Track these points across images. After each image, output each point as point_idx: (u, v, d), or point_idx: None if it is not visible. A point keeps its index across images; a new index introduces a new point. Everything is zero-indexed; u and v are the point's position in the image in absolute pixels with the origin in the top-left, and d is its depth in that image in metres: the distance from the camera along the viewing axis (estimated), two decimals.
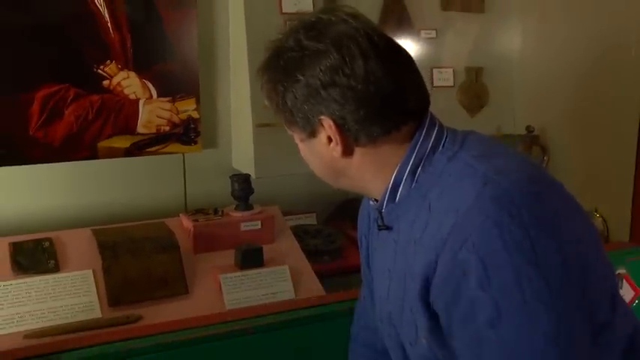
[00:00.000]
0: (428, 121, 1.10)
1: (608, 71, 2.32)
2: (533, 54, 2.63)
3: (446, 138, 1.09)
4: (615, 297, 1.08)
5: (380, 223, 1.15)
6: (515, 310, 0.93)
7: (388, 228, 1.14)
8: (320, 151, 1.11)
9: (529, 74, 2.65)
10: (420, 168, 1.07)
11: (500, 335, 0.93)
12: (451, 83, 2.60)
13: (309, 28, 1.07)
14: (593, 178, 2.32)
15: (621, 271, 2.04)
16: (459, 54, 2.62)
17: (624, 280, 2.05)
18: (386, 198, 1.11)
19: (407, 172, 1.08)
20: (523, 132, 2.56)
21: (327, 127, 1.06)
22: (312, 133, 1.10)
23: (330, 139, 1.08)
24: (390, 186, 1.09)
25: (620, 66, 2.27)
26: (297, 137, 1.15)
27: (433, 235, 1.00)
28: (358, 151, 1.09)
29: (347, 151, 1.08)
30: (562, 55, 2.48)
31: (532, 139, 2.54)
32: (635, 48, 2.21)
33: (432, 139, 1.08)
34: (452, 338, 1.01)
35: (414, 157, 1.07)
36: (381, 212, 1.14)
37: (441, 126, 1.11)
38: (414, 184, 1.08)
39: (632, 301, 2.05)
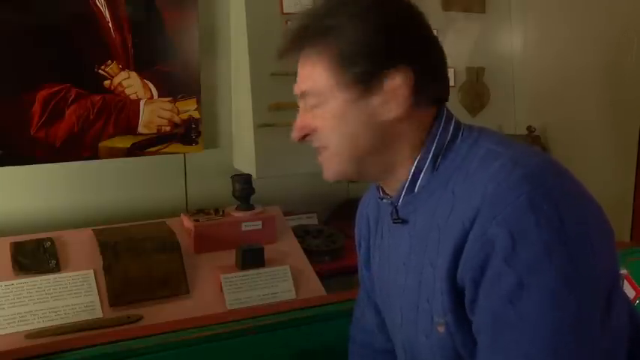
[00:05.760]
0: (446, 113, 1.11)
1: (609, 71, 2.32)
2: (534, 54, 2.63)
3: (463, 129, 1.10)
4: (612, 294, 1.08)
5: (395, 217, 1.14)
6: (538, 288, 0.91)
7: (404, 221, 1.13)
8: (369, 114, 1.06)
9: (530, 74, 2.65)
10: (440, 157, 1.07)
11: (519, 311, 0.92)
12: (452, 83, 2.58)
13: None
14: (594, 177, 2.32)
15: (622, 271, 2.04)
16: (460, 54, 2.62)
17: (625, 281, 2.05)
18: (405, 188, 1.10)
19: (428, 161, 1.07)
20: (524, 132, 2.56)
21: (400, 79, 1.04)
22: (368, 91, 1.05)
23: (388, 99, 1.05)
24: (410, 177, 1.09)
25: (621, 66, 2.27)
26: (340, 100, 1.07)
27: (461, 215, 0.99)
28: (410, 115, 1.07)
29: (404, 112, 1.06)
30: (563, 55, 2.48)
31: (533, 139, 2.54)
32: (636, 47, 2.21)
33: (451, 130, 1.09)
34: (473, 314, 0.99)
35: (434, 146, 1.08)
36: (395, 206, 1.13)
37: (457, 119, 1.12)
38: (434, 173, 1.07)
39: (633, 301, 2.05)
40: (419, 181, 1.09)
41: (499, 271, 0.94)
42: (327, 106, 1.08)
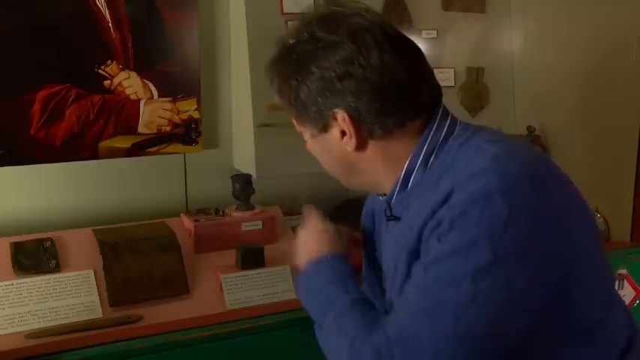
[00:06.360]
0: (441, 112, 1.11)
1: (609, 71, 2.32)
2: (534, 54, 2.63)
3: (458, 128, 1.10)
4: (612, 297, 1.08)
5: (388, 214, 1.15)
6: (443, 272, 0.95)
7: (397, 219, 1.13)
8: (332, 147, 1.11)
9: (530, 74, 2.65)
10: (432, 156, 1.08)
11: (423, 279, 0.98)
12: (452, 83, 2.60)
13: (323, 20, 1.08)
14: (594, 177, 2.32)
15: (622, 271, 2.04)
16: (459, 54, 2.62)
17: (625, 280, 2.05)
18: (397, 187, 1.11)
19: (419, 160, 1.08)
20: (524, 132, 2.56)
21: (341, 120, 1.07)
22: (325, 128, 1.10)
23: (343, 133, 1.08)
24: (403, 175, 1.10)
25: (621, 65, 2.27)
26: (307, 133, 1.15)
27: (432, 203, 1.02)
28: (371, 145, 1.09)
29: (361, 145, 1.09)
30: (563, 55, 2.48)
31: (533, 139, 2.54)
32: (636, 47, 2.21)
33: (445, 129, 1.09)
34: None
35: (426, 146, 1.08)
36: (389, 204, 1.14)
37: (453, 117, 1.12)
38: (426, 171, 1.08)
39: (633, 301, 2.05)
40: (411, 179, 1.10)
41: (431, 243, 0.99)
42: (305, 136, 1.17)
